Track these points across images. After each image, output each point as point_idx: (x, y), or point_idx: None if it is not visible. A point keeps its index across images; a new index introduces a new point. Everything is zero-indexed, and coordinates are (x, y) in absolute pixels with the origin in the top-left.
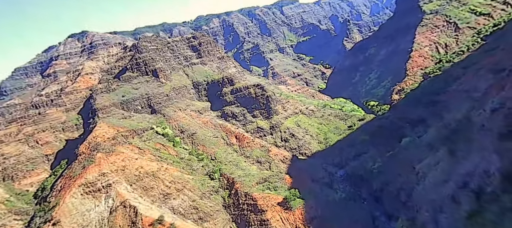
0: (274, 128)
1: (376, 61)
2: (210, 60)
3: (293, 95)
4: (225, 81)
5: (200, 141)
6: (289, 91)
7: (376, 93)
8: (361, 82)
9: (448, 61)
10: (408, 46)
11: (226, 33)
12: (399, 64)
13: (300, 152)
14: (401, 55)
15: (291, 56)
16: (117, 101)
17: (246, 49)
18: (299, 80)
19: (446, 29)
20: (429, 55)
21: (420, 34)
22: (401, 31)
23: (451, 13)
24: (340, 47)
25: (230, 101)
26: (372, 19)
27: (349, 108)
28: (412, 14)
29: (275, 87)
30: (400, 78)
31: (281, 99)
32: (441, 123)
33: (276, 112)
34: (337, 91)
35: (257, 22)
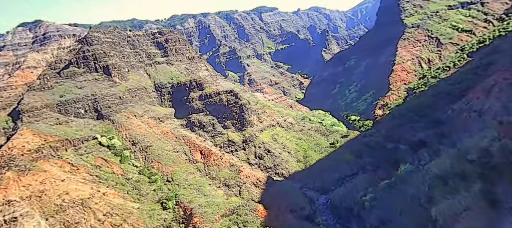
0: (247, 142)
1: (357, 73)
2: (177, 60)
3: (270, 105)
4: (193, 85)
5: (155, 157)
6: (266, 100)
7: (357, 107)
8: (340, 94)
9: (433, 77)
10: (389, 59)
11: (201, 34)
12: (380, 78)
13: (276, 172)
14: (382, 68)
15: (269, 63)
16: (52, 101)
17: (222, 52)
18: (277, 89)
19: (428, 44)
20: (411, 69)
21: (402, 48)
22: (382, 44)
23: (433, 28)
24: (318, 57)
25: (198, 108)
26: (348, 33)
27: (329, 122)
28: (393, 27)
29: (251, 94)
30: (382, 92)
31: (257, 108)
32: (454, 150)
33: (251, 123)
34: (315, 102)
35: (235, 26)
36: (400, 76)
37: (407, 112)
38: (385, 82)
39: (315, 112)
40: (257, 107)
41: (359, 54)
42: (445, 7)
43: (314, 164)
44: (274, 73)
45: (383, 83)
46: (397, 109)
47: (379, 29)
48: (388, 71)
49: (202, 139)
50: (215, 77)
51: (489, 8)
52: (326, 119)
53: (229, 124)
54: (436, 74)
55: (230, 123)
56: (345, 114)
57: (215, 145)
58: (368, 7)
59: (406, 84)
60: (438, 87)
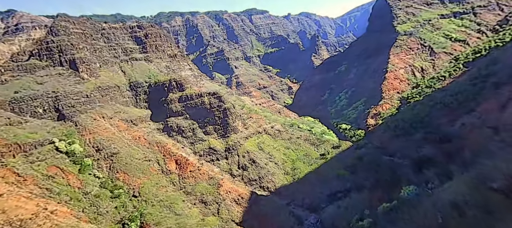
0: (230, 150)
1: (347, 79)
2: (158, 57)
3: (258, 109)
4: (173, 85)
5: (122, 166)
6: (253, 104)
7: (347, 115)
8: (330, 101)
9: (428, 86)
10: (381, 67)
11: (189, 33)
12: (372, 85)
13: (261, 185)
14: (374, 76)
15: (258, 66)
16: (4, 98)
17: (209, 53)
18: (265, 93)
19: (421, 52)
20: (404, 78)
21: (394, 55)
22: (374, 51)
23: (425, 36)
24: (308, 62)
25: (177, 111)
26: (337, 40)
27: (319, 131)
28: (385, 33)
29: (238, 98)
30: (374, 100)
31: (243, 113)
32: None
33: (235, 129)
34: (304, 108)
35: (224, 27)
36: (393, 84)
37: (402, 123)
38: (377, 90)
39: (304, 119)
40: (243, 112)
41: (350, 60)
42: (438, 16)
43: (303, 178)
44: (263, 76)
45: (375, 91)
46: (391, 119)
47: (371, 36)
48: (380, 79)
49: (180, 146)
50: (199, 78)
51: (482, 19)
52: (315, 127)
53: (211, 130)
54: (430, 83)
55: (212, 128)
56: (335, 122)
57: (195, 153)
58: (357, 16)
59: (399, 93)
60: (434, 97)
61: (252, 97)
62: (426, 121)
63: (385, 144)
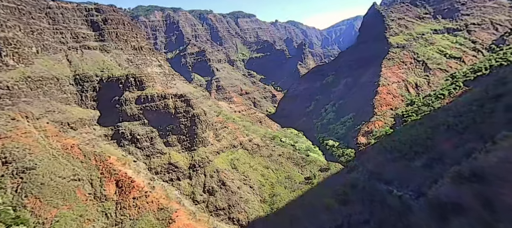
0: (196, 167)
1: (335, 91)
2: (118, 47)
3: (236, 118)
4: (130, 82)
5: (36, 188)
6: (232, 111)
7: (335, 130)
8: (316, 113)
9: (425, 105)
10: (373, 79)
11: (169, 30)
12: (362, 99)
13: (230, 217)
14: (364, 89)
15: (241, 70)
16: None
17: (190, 53)
18: (247, 99)
19: (414, 67)
20: (398, 93)
21: (386, 68)
22: (365, 61)
23: (419, 50)
24: (293, 70)
25: (133, 115)
26: (323, 51)
27: (303, 146)
28: (377, 44)
29: (215, 103)
30: (364, 116)
31: (217, 122)
32: None
33: (204, 141)
34: (288, 119)
35: (208, 27)
36: (386, 99)
37: (400, 145)
38: (367, 104)
39: (287, 131)
40: (218, 120)
41: (339, 71)
42: (431, 30)
43: (284, 208)
44: (246, 81)
45: (366, 106)
46: (386, 139)
47: (361, 46)
48: (371, 93)
49: (131, 160)
50: (170, 77)
51: (477, 37)
52: (299, 142)
53: (173, 140)
54: (428, 101)
55: (175, 139)
56: (321, 138)
57: (150, 169)
58: (342, 29)
59: (392, 109)
60: (434, 117)
61: (232, 103)
62: (429, 145)
63: (380, 169)
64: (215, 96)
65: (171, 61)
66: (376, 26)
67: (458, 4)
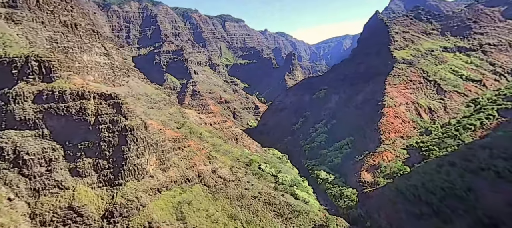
0: (114, 217)
1: (327, 108)
2: (37, 19)
3: (204, 132)
4: (30, 68)
5: None
6: (201, 123)
7: (327, 156)
8: (304, 132)
9: (450, 136)
10: (374, 97)
11: (145, 24)
12: (361, 120)
13: None
14: (363, 108)
15: (224, 76)
16: None
17: (165, 50)
18: (226, 109)
19: (424, 87)
20: (408, 118)
21: (391, 86)
22: (363, 76)
23: (429, 69)
24: (280, 81)
25: (27, 120)
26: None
27: (288, 179)
28: (379, 58)
29: (179, 110)
30: (367, 143)
31: (165, 140)
32: None
33: (138, 171)
34: (271, 136)
35: (191, 26)
36: (394, 124)
37: (425, 193)
38: (369, 128)
39: (269, 152)
40: (170, 137)
41: (332, 85)
42: (440, 48)
43: None
44: (227, 89)
45: (367, 130)
46: (403, 181)
47: (359, 60)
48: (373, 114)
49: (3, 196)
50: (121, 72)
51: (495, 59)
52: (283, 171)
53: (87, 167)
54: (453, 132)
55: (90, 164)
56: (310, 166)
57: (33, 216)
58: (331, 46)
59: (403, 138)
60: (470, 156)
61: (206, 111)
62: (472, 198)
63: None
64: (189, 102)
65: (143, 58)
66: (378, 38)
67: (470, 22)
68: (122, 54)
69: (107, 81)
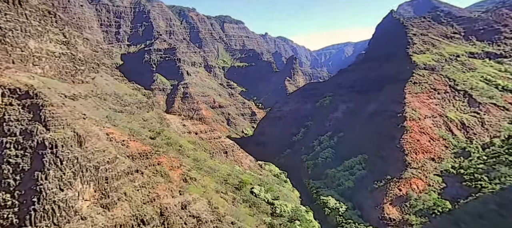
0: None
1: (333, 118)
2: None
3: (185, 143)
4: None
5: None
6: (185, 131)
7: (335, 177)
8: (306, 145)
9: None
10: (387, 108)
11: (137, 20)
12: (375, 135)
13: None
14: (377, 120)
15: (219, 79)
16: None
17: (156, 48)
18: (219, 114)
19: (452, 98)
20: (437, 134)
21: (412, 95)
22: (373, 84)
23: (455, 76)
24: (280, 86)
25: None
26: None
27: (288, 209)
28: (395, 62)
29: (158, 115)
30: (387, 164)
31: (115, 160)
32: None
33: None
34: (268, 148)
35: (187, 26)
36: (420, 142)
37: None
38: (388, 145)
39: (265, 168)
40: (133, 151)
41: (338, 92)
42: (465, 53)
43: None
44: (222, 92)
45: (385, 147)
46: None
47: (370, 64)
48: (390, 128)
49: None
50: (85, 66)
51: None
52: (281, 195)
53: None
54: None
55: None
56: (314, 188)
57: None
58: (332, 53)
59: (434, 160)
60: None
61: (198, 116)
62: None
63: None
64: (179, 105)
65: (132, 56)
66: (393, 40)
67: (499, 25)
68: (91, 46)
69: (64, 75)
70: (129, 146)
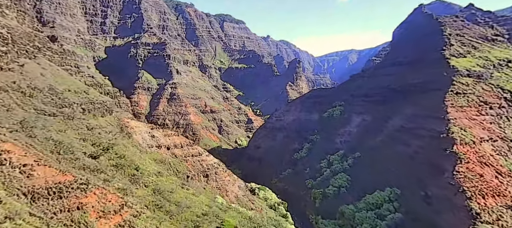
0: None
1: (345, 133)
2: None
3: (149, 162)
4: None
5: None
6: (152, 145)
7: (354, 219)
8: (311, 164)
9: None
10: (421, 125)
11: (125, 10)
12: (408, 160)
13: None
14: (406, 139)
15: (214, 80)
16: None
17: (144, 43)
18: (210, 120)
19: (509, 113)
20: (505, 167)
21: (456, 109)
22: (400, 93)
23: (510, 87)
24: (281, 92)
25: None
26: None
27: None
28: (425, 67)
29: (117, 120)
30: (432, 209)
31: None
32: None
33: None
34: (263, 165)
35: (184, 21)
36: (485, 179)
37: None
38: (430, 178)
39: (259, 195)
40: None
41: (349, 102)
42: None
43: None
44: (216, 95)
45: (424, 179)
46: None
47: (392, 69)
48: (429, 152)
49: None
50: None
51: None
52: None
53: None
54: None
55: None
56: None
57: None
58: (335, 60)
59: (509, 207)
60: None
61: (185, 122)
62: None
63: None
64: (164, 107)
65: (117, 50)
66: (423, 40)
67: None
68: (33, 23)
69: None
70: (31, 175)
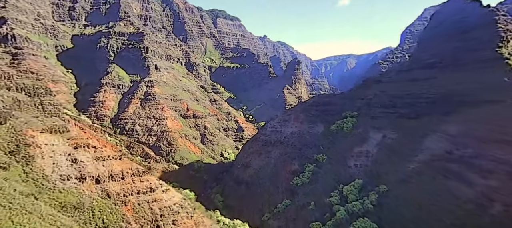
0: None
1: (361, 154)
2: None
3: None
4: None
5: None
6: (68, 171)
7: None
8: (317, 195)
9: None
10: (488, 153)
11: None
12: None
13: None
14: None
15: (202, 80)
16: None
17: (118, 32)
18: (192, 127)
19: None
20: None
21: None
22: (439, 102)
23: None
24: (278, 96)
25: None
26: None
27: None
28: (472, 70)
29: (13, 133)
30: None
31: None
32: None
33: None
34: (252, 192)
35: (171, 13)
36: None
37: None
38: None
39: None
40: None
41: (365, 112)
42: None
43: None
44: (201, 97)
45: None
46: None
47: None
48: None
49: None
50: None
51: None
52: None
53: None
54: None
55: None
56: None
57: None
58: (333, 64)
59: None
60: None
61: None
62: None
63: None
64: (136, 110)
65: (86, 40)
66: (468, 33)
67: None
68: None
69: None
70: None
